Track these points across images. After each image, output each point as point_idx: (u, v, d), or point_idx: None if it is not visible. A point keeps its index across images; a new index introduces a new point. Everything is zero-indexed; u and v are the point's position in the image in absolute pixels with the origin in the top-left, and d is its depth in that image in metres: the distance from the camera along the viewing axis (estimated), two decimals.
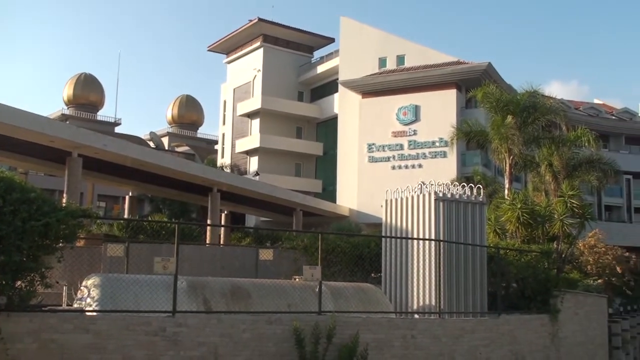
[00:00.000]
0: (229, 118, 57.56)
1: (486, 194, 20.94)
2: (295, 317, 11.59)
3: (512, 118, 25.78)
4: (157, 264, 10.73)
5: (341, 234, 20.39)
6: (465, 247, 15.13)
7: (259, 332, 11.23)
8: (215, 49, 60.42)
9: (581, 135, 26.38)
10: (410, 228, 15.31)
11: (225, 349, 10.83)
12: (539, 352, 16.05)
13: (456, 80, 43.64)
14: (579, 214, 21.10)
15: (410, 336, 12.90)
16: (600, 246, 28.19)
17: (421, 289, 14.59)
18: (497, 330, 14.84)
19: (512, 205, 20.29)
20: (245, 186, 36.68)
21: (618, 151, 55.14)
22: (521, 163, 27.06)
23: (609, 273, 27.42)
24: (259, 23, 54.25)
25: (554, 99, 30.55)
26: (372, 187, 41.01)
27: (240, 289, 12.23)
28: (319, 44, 57.68)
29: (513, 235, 20.50)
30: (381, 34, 49.16)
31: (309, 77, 55.16)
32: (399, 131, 44.62)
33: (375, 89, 46.02)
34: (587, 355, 18.28)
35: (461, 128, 29.88)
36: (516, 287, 17.15)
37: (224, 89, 59.85)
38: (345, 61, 49.19)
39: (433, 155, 43.15)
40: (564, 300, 17.24)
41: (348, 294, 13.44)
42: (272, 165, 51.48)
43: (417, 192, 15.35)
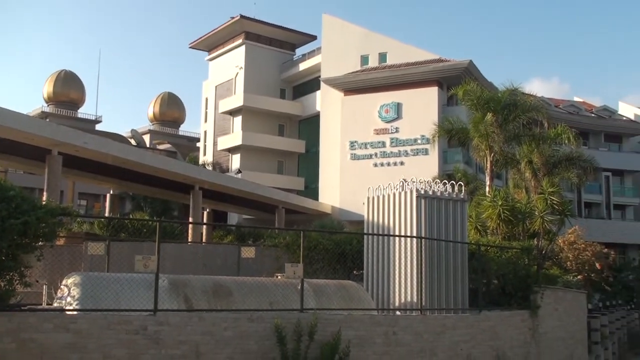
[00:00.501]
0: (211, 115, 57.36)
1: (467, 191, 21.04)
2: (277, 314, 11.59)
3: (492, 115, 25.93)
4: (138, 262, 10.68)
5: (323, 232, 20.40)
6: (446, 244, 15.22)
7: (240, 330, 11.21)
8: (197, 46, 60.15)
9: (561, 132, 26.61)
10: (392, 225, 15.35)
11: (206, 347, 10.81)
12: (519, 348, 16.19)
13: (438, 78, 43.84)
14: (559, 211, 21.33)
15: (391, 333, 12.95)
16: (580, 243, 28.52)
17: (403, 286, 14.64)
18: (478, 326, 14.94)
19: (493, 203, 20.44)
20: (227, 184, 36.58)
21: (597, 148, 55.81)
22: (502, 160, 27.23)
23: (589, 269, 27.76)
24: (240, 20, 54.09)
25: (535, 97, 30.78)
26: (354, 184, 41.11)
27: (222, 287, 12.20)
28: (301, 42, 57.63)
29: (494, 232, 20.64)
30: (363, 31, 49.24)
31: (291, 74, 55.12)
32: (381, 129, 44.74)
33: (358, 86, 46.10)
34: (566, 351, 18.47)
35: (443, 125, 30.01)
36: (497, 283, 17.27)
37: (206, 86, 59.62)
38: (328, 58, 49.22)
39: (415, 152, 43.33)
40: (544, 296, 17.38)
41: (330, 291, 13.46)
42: (254, 162, 51.39)
43: (399, 189, 15.39)
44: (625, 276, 44.37)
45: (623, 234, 54.15)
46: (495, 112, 25.95)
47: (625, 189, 59.77)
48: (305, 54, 54.94)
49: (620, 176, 59.46)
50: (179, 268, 15.82)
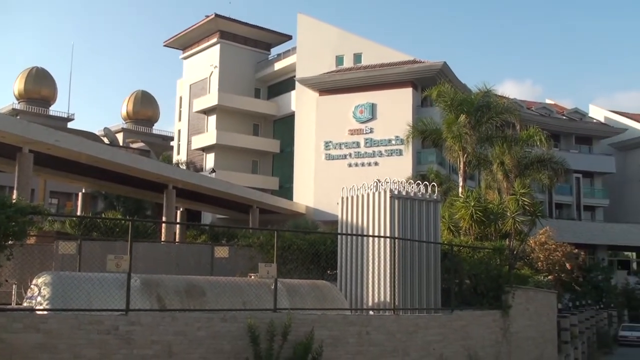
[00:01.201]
0: (185, 114, 57.04)
1: (441, 191, 21.25)
2: (250, 314, 11.57)
3: (465, 117, 26.19)
4: (110, 261, 10.59)
5: (297, 232, 20.41)
6: (419, 244, 15.31)
7: (213, 330, 11.17)
8: (171, 45, 59.74)
9: (533, 134, 26.97)
10: (365, 225, 15.41)
11: (179, 347, 10.75)
12: (491, 347, 16.35)
13: (412, 79, 44.11)
14: (530, 212, 21.62)
15: (365, 332, 13.00)
16: (551, 243, 28.96)
17: (376, 286, 14.70)
18: (450, 326, 15.06)
19: (466, 203, 20.65)
20: (201, 183, 36.40)
21: (568, 150, 56.55)
22: (475, 161, 27.53)
23: (559, 269, 28.21)
24: (215, 19, 53.85)
25: (507, 99, 31.15)
26: (328, 184, 41.14)
27: (195, 286, 12.15)
28: (276, 41, 57.55)
29: (466, 232, 20.85)
30: (338, 31, 49.34)
31: (266, 74, 55.03)
32: (355, 129, 44.89)
33: (332, 86, 46.18)
34: (537, 350, 18.71)
35: (417, 126, 30.25)
36: (469, 283, 17.42)
37: (180, 85, 59.27)
38: (303, 58, 49.23)
39: (389, 153, 43.54)
40: (515, 296, 17.58)
41: (304, 291, 13.48)
42: (229, 162, 51.20)
43: (373, 189, 15.45)
44: (595, 276, 45.11)
45: (593, 234, 54.94)
46: (469, 113, 26.22)
47: (595, 191, 60.68)
48: (280, 54, 54.89)
49: (590, 178, 60.33)
50: (151, 268, 15.72)
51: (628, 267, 59.66)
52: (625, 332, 40.02)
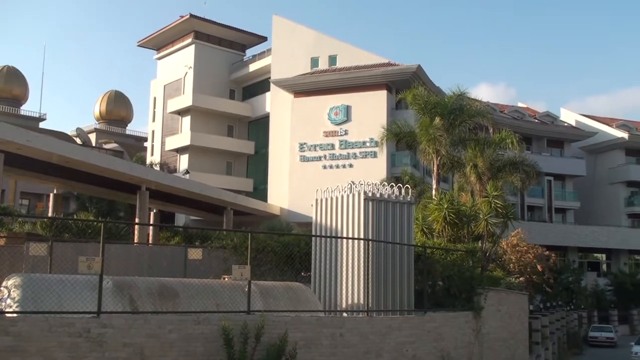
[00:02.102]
0: (159, 115, 56.64)
1: (414, 194, 21.42)
2: (223, 316, 11.53)
3: (439, 120, 26.38)
4: (82, 263, 10.48)
5: (271, 233, 20.40)
6: (393, 246, 15.39)
7: (186, 332, 11.12)
8: (145, 45, 59.30)
9: (505, 137, 27.25)
10: (340, 227, 15.46)
11: (151, 350, 10.68)
12: (463, 348, 16.49)
13: (387, 82, 44.31)
14: (503, 214, 21.85)
15: (338, 334, 13.03)
16: (523, 245, 29.27)
17: (350, 288, 14.75)
18: (423, 327, 15.15)
19: (439, 205, 20.79)
20: (175, 184, 36.14)
21: (540, 153, 57.25)
22: (448, 164, 27.73)
23: (530, 271, 28.53)
24: (190, 19, 53.58)
25: (480, 102, 31.45)
26: (303, 186, 41.17)
27: (168, 288, 12.08)
28: (251, 42, 57.44)
29: (440, 234, 20.99)
30: (313, 33, 49.40)
31: (241, 75, 54.90)
32: (330, 131, 44.95)
33: (307, 88, 46.21)
34: (508, 351, 18.91)
35: (391, 129, 30.38)
36: (442, 285, 17.56)
37: (154, 85, 58.85)
38: (278, 60, 49.20)
39: (363, 155, 43.67)
40: (488, 297, 17.75)
41: (277, 293, 13.47)
42: (203, 163, 50.96)
43: (347, 191, 15.51)
44: (565, 278, 45.75)
45: (564, 237, 55.69)
46: (442, 116, 26.42)
47: (566, 193, 61.51)
48: (256, 55, 54.78)
49: (561, 180, 61.14)
50: (124, 269, 15.59)
51: (598, 269, 60.58)
52: (595, 333, 40.66)
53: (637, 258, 61.93)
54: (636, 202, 62.84)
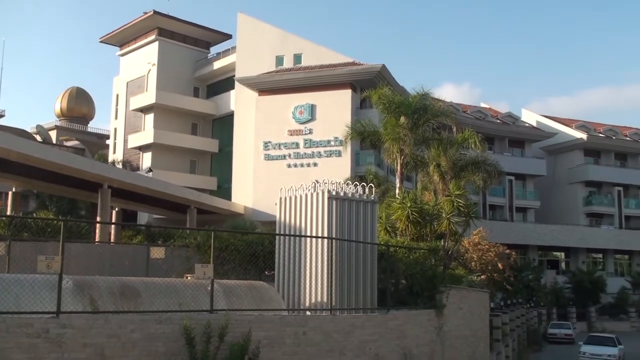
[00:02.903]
0: (122, 112, 55.95)
1: (378, 193, 21.52)
2: (186, 315, 11.44)
3: (404, 119, 26.56)
4: (41, 262, 10.29)
5: (235, 232, 20.30)
6: (356, 244, 15.44)
7: (148, 332, 11.00)
8: (108, 41, 58.52)
9: (468, 137, 27.54)
10: (303, 226, 15.46)
11: (112, 350, 10.54)
12: (425, 346, 16.64)
13: (351, 81, 44.47)
14: (465, 213, 22.10)
15: (302, 333, 13.04)
16: (484, 244, 29.65)
17: (313, 286, 14.77)
18: (385, 325, 15.24)
19: (403, 204, 20.96)
20: (138, 182, 35.78)
21: (502, 153, 58.15)
22: (412, 163, 27.92)
23: (492, 269, 28.90)
24: (154, 16, 53.04)
25: (444, 102, 31.76)
26: (267, 185, 41.11)
27: (130, 288, 11.94)
28: (216, 40, 57.12)
29: (403, 233, 21.15)
30: (279, 32, 49.32)
31: (205, 72, 54.55)
32: (294, 130, 44.95)
33: (272, 87, 46.13)
34: (469, 348, 19.14)
35: (355, 128, 30.47)
36: (405, 283, 17.68)
37: (117, 82, 58.10)
38: (242, 58, 49.00)
39: (328, 154, 43.77)
40: (450, 295, 17.92)
41: (241, 292, 13.41)
42: (166, 161, 50.51)
43: (311, 190, 15.51)
44: (526, 276, 46.56)
45: (524, 235, 56.68)
46: (406, 116, 26.60)
47: (527, 193, 62.58)
48: (220, 53, 54.50)
49: (522, 180, 62.20)
50: (84, 269, 15.38)
51: (557, 267, 61.84)
52: (554, 330, 41.48)
53: (595, 256, 63.41)
54: (594, 202, 64.26)
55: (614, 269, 63.30)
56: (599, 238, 60.54)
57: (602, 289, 54.46)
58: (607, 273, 60.59)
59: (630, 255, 64.43)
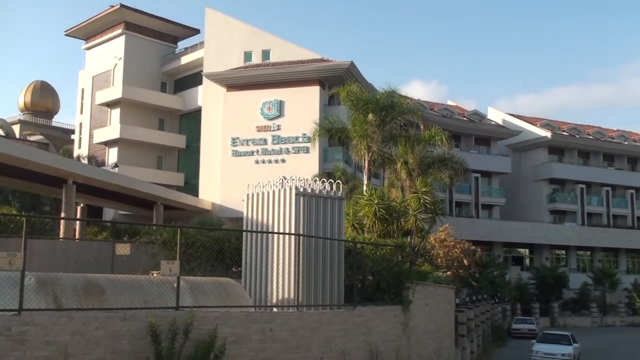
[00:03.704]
0: (87, 107, 55.18)
1: (346, 189, 21.61)
2: (151, 312, 11.35)
3: (371, 116, 26.67)
4: (2, 259, 10.13)
5: (201, 228, 20.16)
6: (324, 241, 15.47)
7: (113, 329, 10.90)
8: (73, 34, 57.61)
9: (435, 134, 27.76)
10: (271, 222, 15.44)
11: (75, 348, 10.42)
12: (391, 342, 16.77)
13: (320, 78, 44.50)
14: (431, 210, 22.30)
15: (268, 330, 13.03)
16: (450, 240, 29.98)
17: (280, 283, 14.77)
18: (352, 321, 15.32)
19: (370, 201, 21.07)
20: (103, 178, 35.34)
21: (468, 151, 58.79)
22: (379, 160, 28.04)
23: (457, 265, 29.25)
24: (120, 9, 52.38)
25: (411, 99, 31.95)
26: (235, 181, 40.92)
27: (94, 284, 11.80)
28: (183, 35, 56.67)
29: (370, 229, 21.27)
30: (247, 27, 49.11)
31: (173, 67, 54.10)
32: (263, 126, 44.84)
33: (240, 82, 45.94)
34: (435, 343, 19.35)
35: (323, 125, 30.51)
36: (372, 279, 17.78)
37: (82, 76, 57.30)
38: (210, 53, 48.70)
39: (296, 150, 43.76)
40: (416, 291, 18.08)
41: (207, 288, 13.34)
42: (133, 157, 49.98)
43: (279, 187, 15.50)
44: (491, 272, 47.23)
45: (489, 232, 57.44)
46: (374, 113, 26.71)
47: (493, 190, 63.37)
48: (188, 48, 54.07)
49: (488, 177, 62.96)
50: (48, 265, 15.17)
51: (521, 263, 62.82)
52: (518, 325, 42.09)
53: (558, 253, 64.55)
54: (558, 199, 65.36)
55: (576, 265, 64.51)
56: (562, 235, 61.64)
57: (564, 285, 55.43)
58: (569, 269, 61.70)
59: (592, 252, 65.75)
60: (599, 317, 55.17)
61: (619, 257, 66.96)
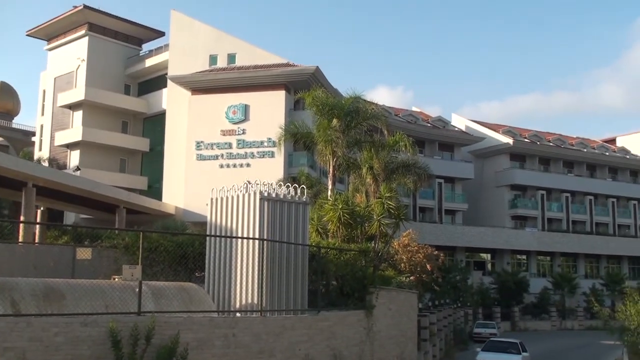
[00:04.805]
0: (49, 109, 54.22)
1: (311, 194, 21.63)
2: (112, 318, 11.23)
3: (337, 121, 26.77)
4: None
5: (164, 233, 20.03)
6: (288, 246, 15.49)
7: (73, 335, 10.75)
8: (35, 34, 56.57)
9: (399, 140, 28.00)
10: (235, 227, 15.40)
11: (34, 354, 10.25)
12: (355, 347, 16.85)
13: (285, 82, 44.50)
14: (395, 215, 22.47)
15: (231, 335, 13.00)
16: (413, 245, 30.12)
17: (244, 288, 14.73)
18: (316, 326, 15.35)
19: (334, 206, 21.15)
20: (64, 181, 34.76)
21: (432, 156, 59.34)
22: (344, 165, 28.17)
23: (420, 270, 29.39)
24: (84, 10, 51.64)
25: (376, 105, 32.17)
26: (199, 185, 40.57)
27: (54, 290, 11.62)
28: (148, 37, 56.11)
29: (334, 234, 21.32)
30: (213, 30, 48.88)
31: (137, 70, 53.52)
32: (228, 130, 44.64)
33: (205, 86, 45.69)
34: (398, 348, 19.49)
35: (289, 129, 30.53)
36: (336, 284, 17.85)
37: (44, 77, 56.28)
38: (175, 56, 48.31)
39: (261, 155, 43.67)
40: (379, 296, 18.20)
41: (170, 293, 13.25)
42: (95, 160, 49.28)
43: (243, 191, 15.47)
44: (453, 277, 47.65)
45: (452, 237, 58.00)
46: (339, 118, 26.82)
47: (456, 195, 64.04)
48: (152, 50, 53.54)
49: (451, 183, 63.59)
50: (6, 270, 14.85)
51: (483, 268, 63.56)
52: (479, 329, 42.56)
53: (519, 258, 65.50)
54: (519, 205, 66.37)
55: (536, 269, 65.48)
56: (523, 240, 62.56)
57: (525, 289, 56.20)
58: (530, 274, 62.60)
59: (551, 257, 66.85)
60: (558, 321, 56.07)
61: (578, 262, 68.24)
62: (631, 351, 23.45)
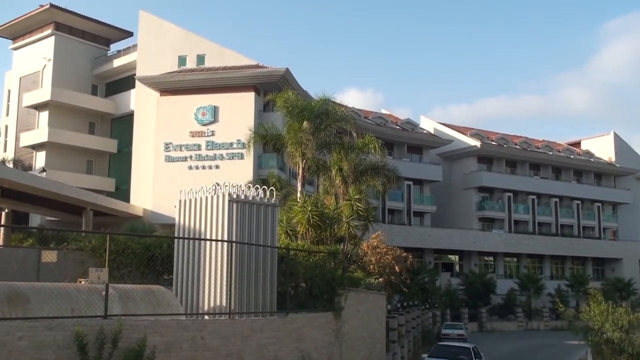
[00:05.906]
0: (14, 109, 53.30)
1: (280, 196, 21.63)
2: (78, 321, 11.08)
3: (306, 123, 26.79)
4: None
5: (132, 235, 19.82)
6: (257, 248, 15.44)
7: (38, 339, 10.58)
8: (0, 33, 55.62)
9: (368, 142, 28.10)
10: (203, 229, 15.31)
11: None
12: (323, 349, 16.87)
13: (255, 84, 44.43)
14: (364, 217, 22.57)
15: (199, 338, 12.92)
16: (382, 247, 30.36)
17: (212, 290, 14.65)
18: (284, 328, 15.34)
19: (304, 208, 21.16)
20: (30, 183, 34.22)
21: (401, 159, 59.73)
22: (314, 167, 28.19)
23: (389, 272, 29.62)
24: (50, 9, 50.90)
25: (345, 107, 32.26)
26: (167, 187, 40.23)
27: (18, 293, 11.43)
28: (116, 37, 55.51)
29: (303, 236, 21.34)
30: (182, 31, 48.58)
31: (105, 70, 52.92)
32: (197, 131, 44.40)
33: (174, 87, 45.37)
34: (367, 349, 19.57)
35: (258, 131, 30.45)
36: (305, 286, 17.85)
37: (9, 77, 55.34)
38: (144, 57, 47.89)
39: (230, 156, 43.50)
40: (348, 298, 18.26)
41: (137, 296, 13.11)
42: (62, 161, 48.59)
43: (212, 193, 15.40)
44: (422, 278, 48.04)
45: (421, 239, 58.48)
46: (309, 120, 26.85)
47: (424, 197, 64.57)
48: (121, 50, 53.00)
49: (420, 185, 64.11)
50: None
51: (451, 269, 64.19)
52: (447, 330, 42.92)
53: (486, 259, 66.30)
54: (486, 207, 67.18)
55: (503, 271, 66.32)
56: (490, 242, 63.35)
57: (492, 291, 56.87)
58: (497, 275, 63.39)
59: (518, 258, 67.79)
60: (524, 321, 56.84)
61: (544, 263, 69.32)
62: (595, 351, 23.89)
